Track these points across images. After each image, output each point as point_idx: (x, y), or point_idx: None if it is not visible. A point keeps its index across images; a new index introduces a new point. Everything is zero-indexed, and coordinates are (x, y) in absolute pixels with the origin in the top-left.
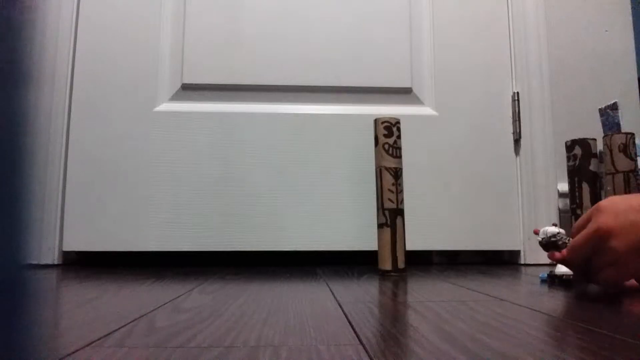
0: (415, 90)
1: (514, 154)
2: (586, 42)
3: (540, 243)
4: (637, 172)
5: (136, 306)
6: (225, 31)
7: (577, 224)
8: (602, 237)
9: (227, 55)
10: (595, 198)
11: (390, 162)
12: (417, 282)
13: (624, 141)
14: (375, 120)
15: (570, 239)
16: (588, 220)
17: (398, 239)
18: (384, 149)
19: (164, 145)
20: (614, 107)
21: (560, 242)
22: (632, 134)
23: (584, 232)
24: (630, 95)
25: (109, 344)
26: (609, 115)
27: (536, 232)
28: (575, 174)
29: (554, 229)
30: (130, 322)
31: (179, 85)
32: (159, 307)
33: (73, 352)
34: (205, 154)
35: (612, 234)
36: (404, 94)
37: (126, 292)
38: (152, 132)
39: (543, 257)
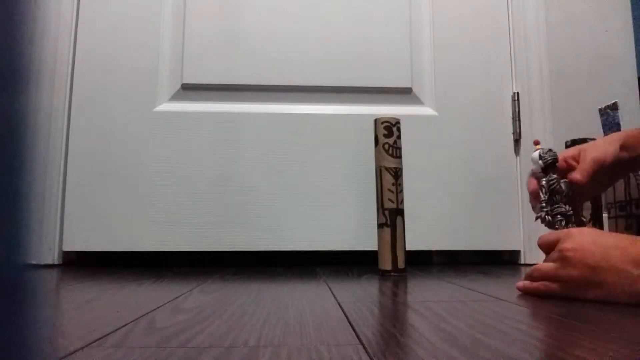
0: (415, 90)
1: (514, 154)
2: (586, 42)
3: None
4: (637, 172)
5: (136, 306)
6: (225, 31)
7: (544, 240)
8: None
9: (227, 55)
10: (595, 198)
11: (390, 162)
12: (417, 282)
13: None
14: (375, 120)
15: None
16: (555, 242)
17: (398, 239)
18: (384, 149)
19: (164, 145)
20: (614, 107)
21: (550, 160)
22: None
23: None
24: (630, 95)
25: (109, 344)
26: (609, 115)
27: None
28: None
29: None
30: (130, 322)
31: (179, 85)
32: (159, 307)
33: (73, 352)
34: (205, 154)
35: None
36: (404, 94)
37: (126, 292)
38: (152, 132)
39: (543, 257)
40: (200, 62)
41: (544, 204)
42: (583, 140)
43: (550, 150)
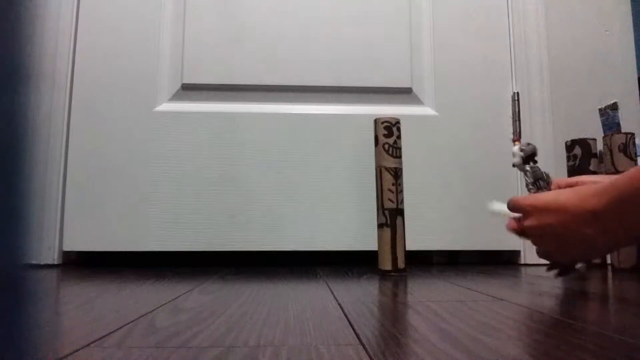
0: (415, 90)
1: None
2: (586, 42)
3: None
4: None
5: (136, 306)
6: (225, 31)
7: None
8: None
9: (227, 55)
10: None
11: (390, 162)
12: (417, 282)
13: (623, 141)
14: (375, 120)
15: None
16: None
17: (398, 239)
18: (384, 149)
19: (164, 145)
20: (614, 107)
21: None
22: (632, 134)
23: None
24: (630, 95)
25: (109, 344)
26: (609, 115)
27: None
28: (575, 174)
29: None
30: (130, 322)
31: (179, 85)
32: (159, 307)
33: (73, 352)
34: (205, 154)
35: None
36: (404, 94)
37: (126, 292)
38: (152, 132)
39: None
40: (200, 62)
41: (530, 187)
42: (583, 140)
43: (529, 144)
